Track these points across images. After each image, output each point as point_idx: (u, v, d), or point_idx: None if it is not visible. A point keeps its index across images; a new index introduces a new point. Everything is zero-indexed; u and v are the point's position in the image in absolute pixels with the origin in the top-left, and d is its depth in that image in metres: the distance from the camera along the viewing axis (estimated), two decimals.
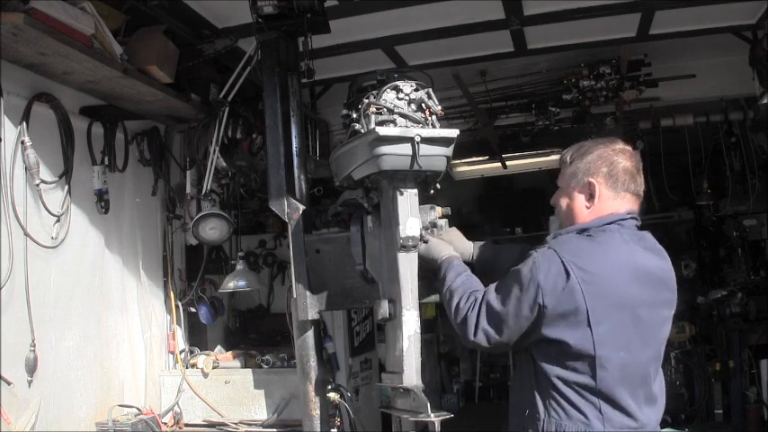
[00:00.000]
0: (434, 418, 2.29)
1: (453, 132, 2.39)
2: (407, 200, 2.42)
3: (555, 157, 7.36)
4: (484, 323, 2.18)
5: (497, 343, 2.20)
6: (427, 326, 8.18)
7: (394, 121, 2.42)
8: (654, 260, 2.23)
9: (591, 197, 2.26)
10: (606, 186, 2.25)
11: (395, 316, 2.46)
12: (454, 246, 2.61)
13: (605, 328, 2.08)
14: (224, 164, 4.16)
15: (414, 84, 2.51)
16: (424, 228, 2.59)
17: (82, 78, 3.43)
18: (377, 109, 2.44)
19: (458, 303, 2.26)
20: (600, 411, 2.09)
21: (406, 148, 2.33)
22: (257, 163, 4.38)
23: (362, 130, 2.45)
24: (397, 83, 2.50)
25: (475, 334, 2.19)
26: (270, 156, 3.06)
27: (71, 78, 3.42)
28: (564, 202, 2.34)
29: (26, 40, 2.91)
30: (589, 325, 2.06)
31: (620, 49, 4.87)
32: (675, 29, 4.35)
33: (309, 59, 3.15)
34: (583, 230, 2.23)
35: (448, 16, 3.98)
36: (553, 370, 2.13)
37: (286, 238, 4.52)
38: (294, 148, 3.06)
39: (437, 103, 2.52)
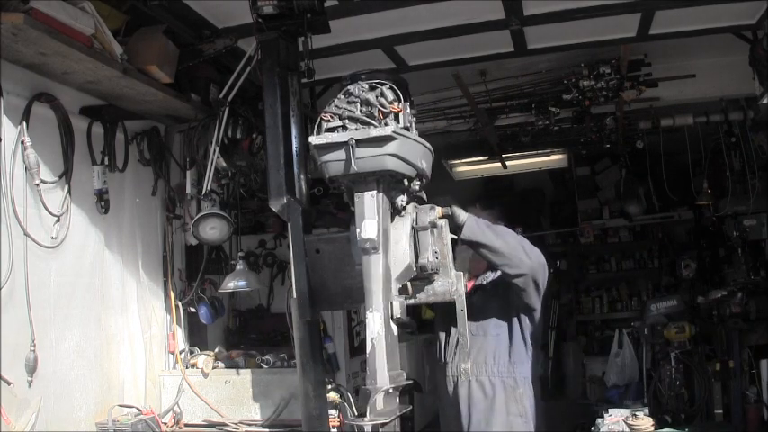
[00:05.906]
0: (366, 423, 2.26)
1: (386, 130, 2.35)
2: (363, 202, 2.41)
3: (555, 157, 7.36)
4: None
5: None
6: (427, 326, 8.16)
7: (344, 126, 2.41)
8: None
9: None
10: None
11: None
12: None
13: None
14: (224, 164, 4.16)
15: (365, 85, 2.47)
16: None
17: (82, 78, 3.43)
18: (330, 116, 2.43)
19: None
20: None
21: (343, 153, 2.33)
22: (257, 163, 4.37)
23: None
24: (349, 87, 2.48)
25: None
26: (270, 156, 3.06)
27: (71, 78, 3.42)
28: None
29: (26, 40, 2.91)
30: None
31: (620, 49, 4.87)
32: (675, 29, 4.34)
33: (309, 59, 3.14)
34: None
35: (448, 16, 3.98)
36: None
37: (286, 238, 4.52)
38: (294, 148, 3.06)
39: (391, 99, 2.45)
